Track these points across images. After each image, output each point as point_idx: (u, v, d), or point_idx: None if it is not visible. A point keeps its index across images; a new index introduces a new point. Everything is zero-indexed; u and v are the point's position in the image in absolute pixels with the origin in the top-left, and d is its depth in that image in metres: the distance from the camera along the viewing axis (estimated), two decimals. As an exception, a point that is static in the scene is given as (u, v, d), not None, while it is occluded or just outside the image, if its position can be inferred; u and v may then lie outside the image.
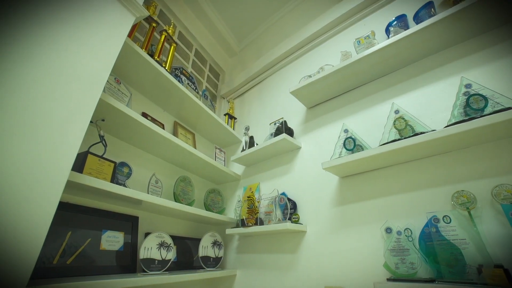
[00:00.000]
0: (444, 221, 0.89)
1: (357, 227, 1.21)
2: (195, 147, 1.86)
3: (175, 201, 1.44)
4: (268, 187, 1.69)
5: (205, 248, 1.53)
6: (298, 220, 1.43)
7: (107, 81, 1.21)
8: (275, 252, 1.48)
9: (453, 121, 0.95)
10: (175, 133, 1.75)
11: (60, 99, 0.78)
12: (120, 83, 1.33)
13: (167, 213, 1.47)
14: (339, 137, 1.27)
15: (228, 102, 2.42)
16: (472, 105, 0.93)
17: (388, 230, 1.04)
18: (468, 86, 0.97)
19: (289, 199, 1.49)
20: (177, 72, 1.74)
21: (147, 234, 1.26)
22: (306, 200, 1.46)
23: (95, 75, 0.91)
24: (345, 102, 1.53)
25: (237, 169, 1.98)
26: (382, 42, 1.27)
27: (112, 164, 1.10)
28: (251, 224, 1.47)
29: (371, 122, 1.35)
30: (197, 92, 1.86)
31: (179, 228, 1.64)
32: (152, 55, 1.49)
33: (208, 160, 1.65)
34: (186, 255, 1.58)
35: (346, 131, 1.26)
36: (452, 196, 0.95)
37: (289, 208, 1.39)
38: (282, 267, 1.41)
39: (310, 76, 1.60)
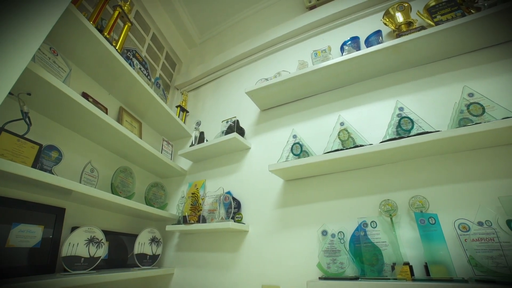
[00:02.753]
0: (371, 226, 1.02)
1: (296, 229, 1.29)
2: (140, 137, 1.74)
3: (112, 193, 1.32)
4: (214, 185, 1.69)
5: (142, 245, 1.44)
6: (241, 220, 1.46)
7: (40, 49, 1.05)
8: (216, 250, 1.48)
9: (387, 138, 1.09)
10: (119, 120, 1.61)
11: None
12: (58, 55, 1.17)
13: (102, 205, 1.34)
14: (287, 141, 1.34)
15: (182, 94, 2.33)
16: (403, 126, 1.08)
17: (324, 233, 1.13)
18: (401, 109, 1.12)
19: (234, 198, 1.51)
20: (129, 54, 1.61)
21: (74, 229, 1.13)
22: (251, 200, 1.50)
23: (23, 38, 0.77)
24: (297, 109, 1.63)
25: (184, 164, 1.92)
26: (336, 58, 1.39)
27: (37, 147, 0.96)
28: (193, 222, 1.44)
29: (319, 131, 1.46)
30: (149, 79, 1.75)
31: (115, 222, 1.51)
32: (101, 31, 1.35)
33: (154, 152, 1.57)
34: (120, 253, 1.46)
35: (294, 136, 1.33)
36: (379, 204, 1.10)
37: (233, 207, 1.41)
38: (222, 266, 1.42)
39: (267, 79, 1.65)
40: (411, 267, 0.91)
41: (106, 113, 1.47)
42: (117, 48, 1.45)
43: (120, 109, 1.66)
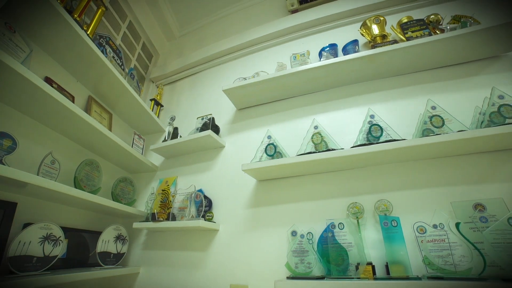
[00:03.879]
0: (339, 228, 1.06)
1: (266, 229, 1.30)
2: (110, 129, 1.65)
3: (75, 187, 1.24)
4: (186, 182, 1.65)
5: (106, 243, 1.36)
6: (212, 218, 1.44)
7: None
8: (185, 249, 1.45)
9: (358, 143, 1.14)
10: (87, 109, 1.51)
11: None
12: (15, 32, 1.06)
13: (63, 200, 1.25)
14: (262, 142, 1.35)
15: (157, 87, 2.25)
16: (373, 133, 1.14)
17: (294, 233, 1.16)
18: (372, 116, 1.18)
19: (205, 197, 1.49)
20: (102, 41, 1.51)
21: (26, 225, 1.03)
22: (223, 199, 1.49)
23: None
24: (273, 110, 1.64)
25: (156, 159, 1.85)
26: (314, 62, 1.43)
27: (-14, 133, 0.87)
28: (162, 219, 1.39)
29: (293, 133, 1.48)
30: (123, 69, 1.66)
31: (77, 219, 1.41)
32: (70, 12, 1.25)
33: (124, 146, 1.49)
34: (80, 251, 1.37)
35: (269, 137, 1.34)
36: (348, 207, 1.15)
37: (204, 206, 1.38)
38: (191, 265, 1.39)
39: (245, 79, 1.65)
40: (373, 267, 0.96)
41: (73, 101, 1.37)
42: (88, 32, 1.36)
43: (89, 98, 1.55)
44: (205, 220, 1.34)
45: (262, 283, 1.19)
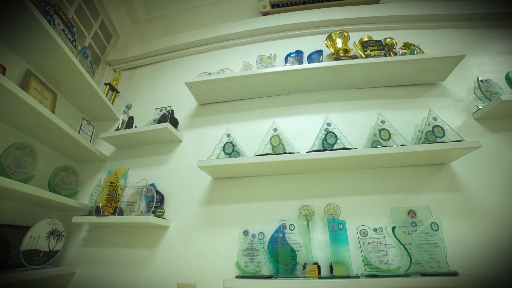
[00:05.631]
0: (289, 228, 1.09)
1: (219, 228, 1.29)
2: (53, 111, 1.46)
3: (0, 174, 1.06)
4: (137, 176, 1.54)
5: (35, 240, 1.20)
6: (162, 215, 1.37)
7: None
8: (131, 246, 1.35)
9: (314, 149, 1.20)
10: (24, 85, 1.31)
11: None
12: None
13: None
14: (220, 139, 1.33)
15: (115, 71, 2.07)
16: (328, 140, 1.20)
17: (245, 233, 1.16)
18: (328, 124, 1.24)
19: (157, 192, 1.42)
20: (49, 9, 1.33)
21: None
22: (176, 195, 1.43)
23: None
24: (235, 108, 1.64)
25: (106, 149, 1.69)
26: (280, 66, 1.46)
27: None
28: (107, 213, 1.28)
29: (253, 133, 1.49)
30: (75, 46, 1.49)
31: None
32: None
33: (68, 131, 1.33)
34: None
35: (228, 135, 1.33)
36: (299, 209, 1.20)
37: (155, 201, 1.31)
38: (137, 264, 1.30)
39: (209, 74, 1.62)
40: (319, 267, 1.02)
41: (4, 73, 1.18)
42: (32, -4, 1.18)
43: (28, 73, 1.36)
44: (155, 216, 1.27)
45: (211, 282, 1.18)
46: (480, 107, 1.33)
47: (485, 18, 1.74)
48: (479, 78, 1.36)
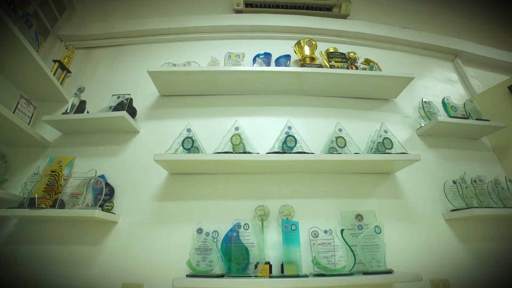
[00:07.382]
0: (244, 228, 1.10)
1: (172, 225, 1.24)
2: (-18, 84, 1.25)
3: None
4: (85, 166, 1.39)
5: None
6: (111, 209, 1.26)
7: None
8: (72, 243, 1.22)
9: (274, 150, 1.22)
10: None
11: None
12: None
13: None
14: (180, 134, 1.28)
15: (67, 48, 1.86)
16: (288, 143, 1.23)
17: (199, 231, 1.14)
18: (289, 127, 1.28)
19: (107, 184, 1.30)
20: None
21: None
22: (128, 189, 1.34)
23: None
24: (198, 103, 1.59)
25: (49, 134, 1.50)
26: (247, 66, 1.47)
27: None
28: (44, 206, 1.14)
29: (214, 130, 1.45)
30: (14, 11, 1.29)
31: None
32: None
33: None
34: None
35: (189, 130, 1.28)
36: (255, 209, 1.21)
37: (103, 194, 1.20)
38: (78, 262, 1.18)
39: (174, 65, 1.55)
40: (270, 266, 1.04)
41: None
42: None
43: (-49, 36, 1.14)
44: (102, 210, 1.17)
45: (160, 282, 1.12)
46: (422, 124, 1.51)
47: (430, 48, 2.02)
48: (423, 99, 1.54)
